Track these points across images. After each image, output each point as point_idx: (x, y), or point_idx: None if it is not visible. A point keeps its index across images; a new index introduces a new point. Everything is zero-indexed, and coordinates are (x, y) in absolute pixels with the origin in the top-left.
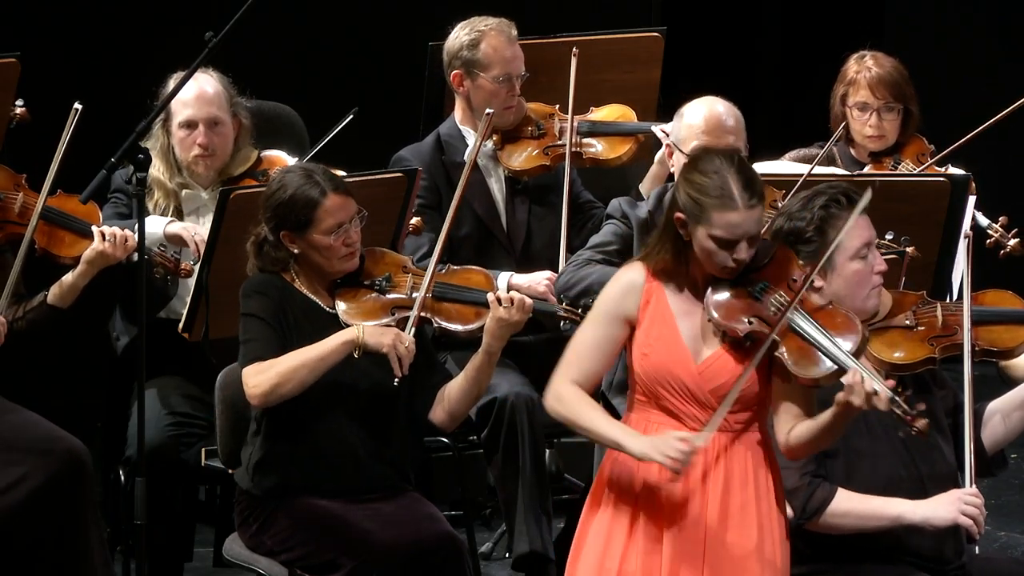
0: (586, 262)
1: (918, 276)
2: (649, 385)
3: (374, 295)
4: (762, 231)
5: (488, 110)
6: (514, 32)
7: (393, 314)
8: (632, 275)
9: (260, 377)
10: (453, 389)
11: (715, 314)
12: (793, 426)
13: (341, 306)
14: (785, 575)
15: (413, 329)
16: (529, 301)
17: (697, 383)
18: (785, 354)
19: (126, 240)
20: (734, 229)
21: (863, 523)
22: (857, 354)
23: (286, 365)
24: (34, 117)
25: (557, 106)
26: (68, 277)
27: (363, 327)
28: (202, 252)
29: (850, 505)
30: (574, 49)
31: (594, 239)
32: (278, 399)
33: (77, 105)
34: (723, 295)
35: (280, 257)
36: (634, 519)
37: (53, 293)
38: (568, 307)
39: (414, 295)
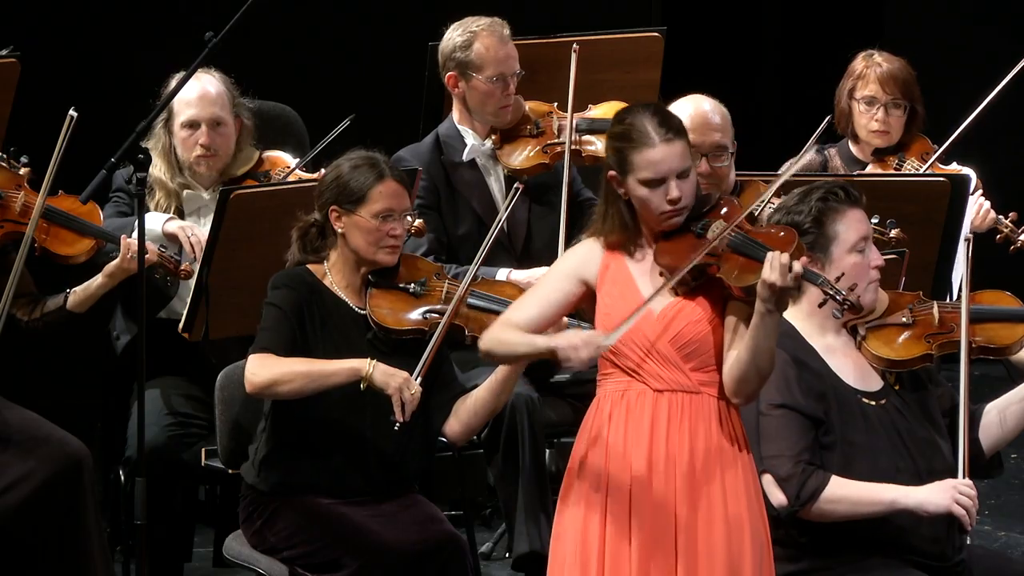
0: None
1: (918, 276)
2: (613, 345)
3: (408, 298)
4: (693, 168)
5: (516, 186)
6: (506, 31)
7: (425, 318)
8: (591, 245)
9: (263, 368)
10: (473, 401)
11: (661, 261)
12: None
13: (374, 304)
14: (756, 533)
15: (421, 377)
16: (565, 321)
17: (658, 334)
18: (724, 271)
19: (145, 254)
20: (657, 166)
21: (857, 509)
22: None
23: (291, 368)
24: (33, 118)
25: (555, 104)
26: (90, 287)
27: (375, 364)
28: (198, 253)
29: (844, 491)
30: (574, 46)
31: None
32: (271, 395)
33: (72, 112)
34: (669, 243)
35: (320, 246)
36: (605, 488)
37: (72, 299)
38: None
39: (447, 305)
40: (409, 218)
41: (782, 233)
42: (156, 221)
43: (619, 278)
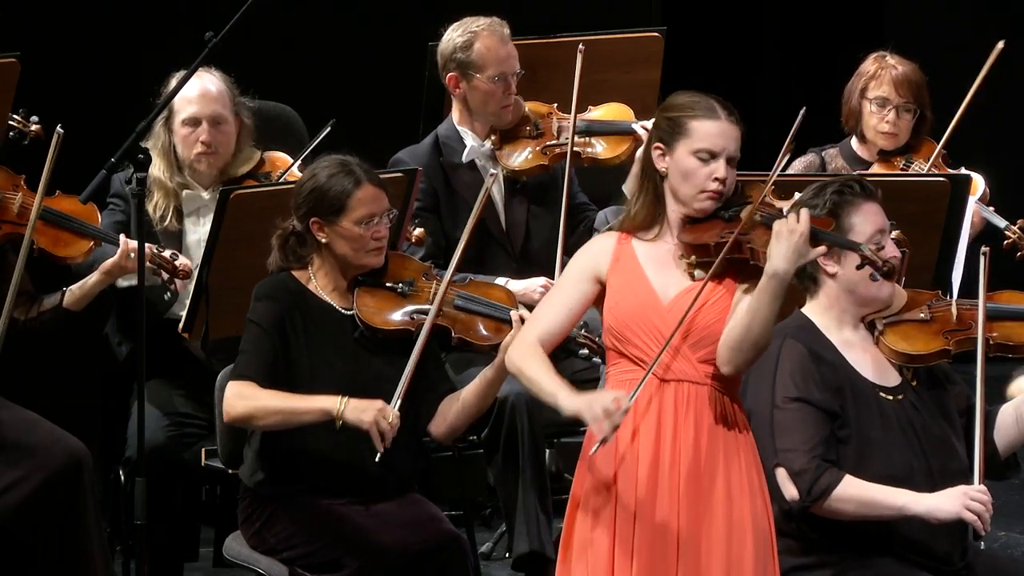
0: None
1: (918, 276)
2: (620, 332)
3: (395, 297)
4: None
5: (491, 172)
6: (506, 31)
7: (412, 319)
8: (603, 240)
9: (240, 401)
10: (457, 402)
11: (686, 239)
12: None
13: (361, 303)
14: (759, 531)
15: (399, 402)
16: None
17: (665, 321)
18: (755, 241)
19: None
20: (716, 139)
21: (867, 511)
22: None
23: (266, 405)
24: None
25: (555, 105)
26: (86, 284)
27: (346, 401)
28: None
29: (855, 491)
30: (580, 46)
31: None
32: (247, 427)
33: (59, 130)
34: (697, 225)
35: (303, 253)
36: (615, 479)
37: (69, 298)
38: (586, 334)
39: (439, 309)
40: (389, 218)
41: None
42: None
43: (628, 267)
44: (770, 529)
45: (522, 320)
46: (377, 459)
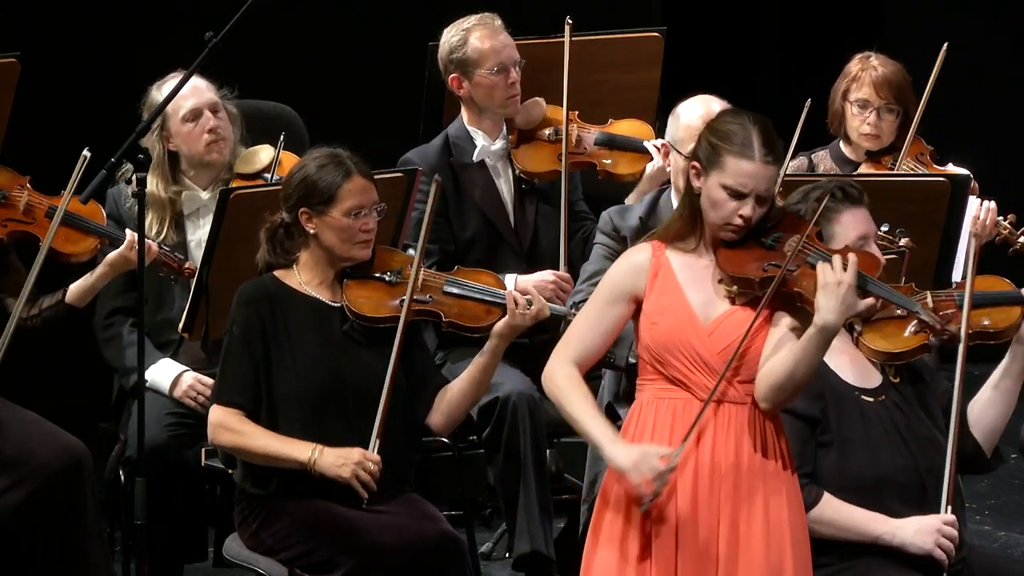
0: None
1: (919, 277)
2: (658, 354)
3: (384, 287)
4: (775, 196)
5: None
6: (498, 22)
7: (402, 306)
8: (639, 255)
9: (225, 433)
10: (452, 391)
11: (727, 268)
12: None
13: (351, 294)
14: (798, 543)
15: (377, 446)
16: (547, 309)
17: (706, 345)
18: (804, 286)
19: (149, 248)
20: (746, 180)
21: (841, 535)
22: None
23: (248, 446)
24: (34, 118)
25: (576, 112)
26: (88, 278)
27: (322, 455)
28: (198, 403)
29: (832, 515)
30: (567, 19)
31: (587, 268)
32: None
33: (86, 152)
34: (735, 251)
35: (290, 247)
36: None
37: (71, 293)
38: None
39: (428, 296)
40: (378, 212)
41: (868, 253)
42: (164, 376)
43: (667, 286)
44: (806, 541)
45: (516, 302)
46: (364, 506)
